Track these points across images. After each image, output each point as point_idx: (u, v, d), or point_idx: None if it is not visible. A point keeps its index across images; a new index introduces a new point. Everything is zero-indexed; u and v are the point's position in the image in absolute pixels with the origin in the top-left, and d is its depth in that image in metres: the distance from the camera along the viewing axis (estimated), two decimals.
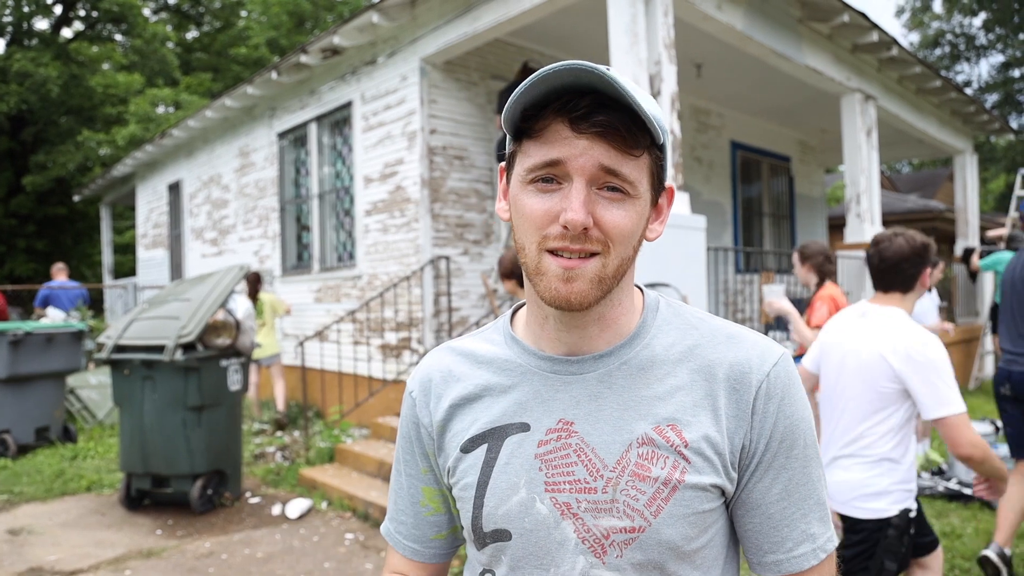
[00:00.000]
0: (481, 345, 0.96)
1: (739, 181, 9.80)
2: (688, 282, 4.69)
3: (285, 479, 5.45)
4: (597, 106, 0.76)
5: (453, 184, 6.48)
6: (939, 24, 26.90)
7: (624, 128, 0.77)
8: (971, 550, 3.70)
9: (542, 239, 0.80)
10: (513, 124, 0.82)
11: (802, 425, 0.85)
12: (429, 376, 0.97)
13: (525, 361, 0.90)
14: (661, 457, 0.81)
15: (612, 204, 0.79)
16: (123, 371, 4.73)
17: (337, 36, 6.50)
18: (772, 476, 0.84)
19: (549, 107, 0.78)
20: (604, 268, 0.80)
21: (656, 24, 4.68)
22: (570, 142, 0.77)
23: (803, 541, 0.84)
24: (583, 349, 0.87)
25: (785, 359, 0.86)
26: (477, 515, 0.87)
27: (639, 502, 0.80)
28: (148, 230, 12.52)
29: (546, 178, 0.80)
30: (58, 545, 4.19)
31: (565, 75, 0.75)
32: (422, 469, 0.97)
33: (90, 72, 19.33)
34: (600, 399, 0.84)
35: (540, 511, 0.83)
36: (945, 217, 14.54)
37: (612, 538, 0.80)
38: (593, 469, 0.82)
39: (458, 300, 6.47)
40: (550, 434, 0.85)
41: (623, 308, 0.88)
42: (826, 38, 6.61)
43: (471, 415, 0.90)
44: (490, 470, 0.86)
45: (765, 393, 0.83)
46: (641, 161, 0.80)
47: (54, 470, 5.73)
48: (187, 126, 9.53)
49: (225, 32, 24.31)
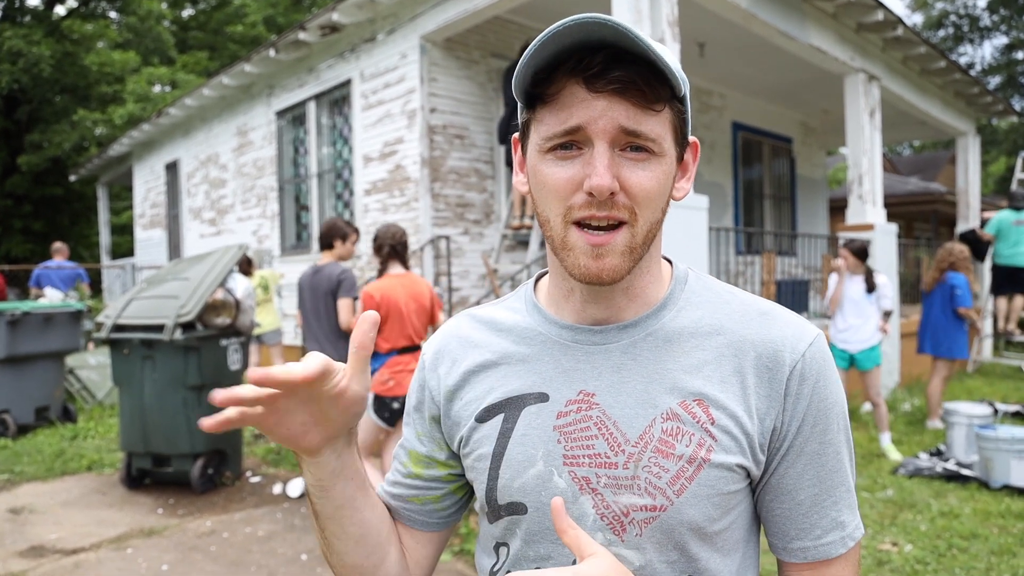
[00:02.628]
0: (502, 313, 0.92)
1: (740, 162, 9.75)
2: (690, 262, 4.63)
3: (286, 458, 5.46)
4: (612, 61, 0.72)
5: (453, 163, 6.43)
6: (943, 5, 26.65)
7: (644, 82, 0.72)
8: (969, 530, 3.72)
9: (567, 210, 0.75)
10: (524, 91, 0.77)
11: (836, 409, 0.82)
12: (446, 341, 0.94)
13: (546, 330, 0.86)
14: (686, 434, 0.77)
15: (637, 165, 0.75)
16: (122, 351, 4.71)
17: (336, 13, 6.41)
18: (805, 461, 0.80)
19: (560, 68, 0.74)
20: (633, 237, 0.76)
21: (660, 1, 4.62)
22: (587, 103, 0.73)
23: (832, 529, 0.81)
24: (608, 320, 0.84)
25: (820, 340, 0.82)
26: (492, 487, 0.84)
27: (662, 480, 0.77)
28: (146, 210, 12.45)
29: (565, 144, 0.75)
30: (59, 524, 4.20)
31: (575, 31, 0.70)
32: (417, 433, 0.95)
33: (84, 50, 19.09)
34: (624, 371, 0.81)
35: (558, 485, 0.80)
36: (946, 200, 14.51)
37: (632, 516, 0.78)
38: (614, 443, 0.79)
39: (458, 280, 6.45)
40: (569, 405, 0.81)
41: (651, 276, 0.85)
42: (831, 16, 6.53)
43: (487, 383, 0.87)
44: (506, 441, 0.83)
45: (800, 374, 0.79)
46: (663, 116, 0.75)
47: (54, 450, 5.74)
48: (184, 105, 9.44)
49: (221, 10, 24.00)
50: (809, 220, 11.21)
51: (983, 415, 4.89)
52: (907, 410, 6.67)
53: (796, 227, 10.77)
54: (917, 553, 3.47)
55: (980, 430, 4.54)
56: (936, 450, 5.17)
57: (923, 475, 4.68)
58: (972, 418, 4.88)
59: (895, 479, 4.65)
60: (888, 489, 4.42)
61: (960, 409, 4.97)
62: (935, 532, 3.73)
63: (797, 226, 10.80)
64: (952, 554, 3.47)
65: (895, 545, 3.58)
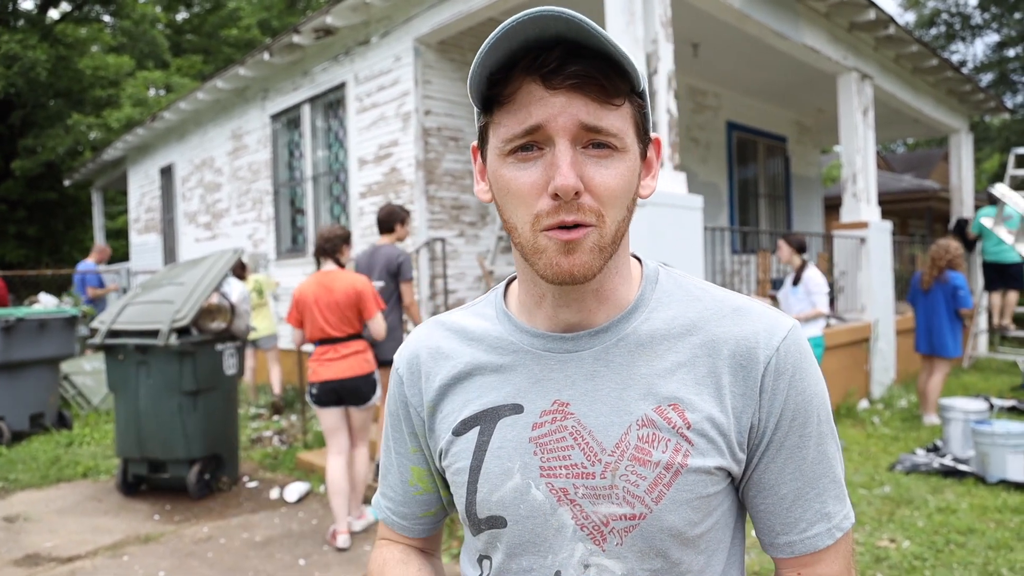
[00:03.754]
0: (472, 320, 0.91)
1: (735, 162, 9.76)
2: (685, 262, 4.67)
3: (283, 463, 5.44)
4: (569, 56, 0.70)
5: (448, 165, 6.43)
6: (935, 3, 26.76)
7: (602, 76, 0.71)
8: (966, 525, 3.73)
9: (534, 219, 0.73)
10: (480, 94, 0.75)
11: (815, 401, 0.81)
12: (416, 353, 0.92)
13: (518, 339, 0.85)
14: (662, 440, 0.76)
15: (600, 163, 0.73)
16: (117, 356, 4.69)
17: (330, 16, 6.41)
18: (785, 456, 0.79)
19: (516, 68, 0.72)
20: (602, 238, 0.74)
21: (653, 2, 4.62)
22: (546, 101, 0.71)
23: (817, 521, 0.80)
24: (580, 325, 0.82)
25: (794, 332, 0.81)
26: (471, 501, 0.83)
27: (639, 488, 0.76)
28: (140, 215, 12.41)
29: (525, 146, 0.73)
30: (55, 532, 4.18)
31: (528, 27, 0.68)
32: (411, 448, 0.94)
33: (78, 54, 19.03)
34: (597, 378, 0.80)
35: (536, 497, 0.79)
36: (940, 196, 14.55)
37: (612, 525, 0.77)
38: (591, 453, 0.78)
39: (454, 282, 6.44)
40: (544, 416, 0.80)
41: (621, 277, 0.83)
42: (823, 16, 6.55)
43: (462, 396, 0.86)
44: (482, 454, 0.82)
45: (774, 369, 0.78)
46: (624, 111, 0.74)
47: (49, 456, 5.71)
48: (179, 108, 9.42)
49: (215, 13, 23.95)
50: (804, 219, 11.24)
51: (979, 410, 4.90)
52: (903, 407, 6.69)
53: (791, 226, 10.79)
54: (915, 549, 3.47)
55: (976, 425, 4.55)
56: (933, 446, 5.19)
57: (920, 471, 4.69)
58: (968, 413, 4.90)
59: (892, 475, 4.66)
60: (886, 486, 4.43)
61: (956, 405, 4.98)
62: (932, 528, 3.74)
63: (792, 225, 10.82)
64: (950, 549, 3.48)
65: (893, 542, 3.59)
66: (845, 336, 6.60)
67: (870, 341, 7.07)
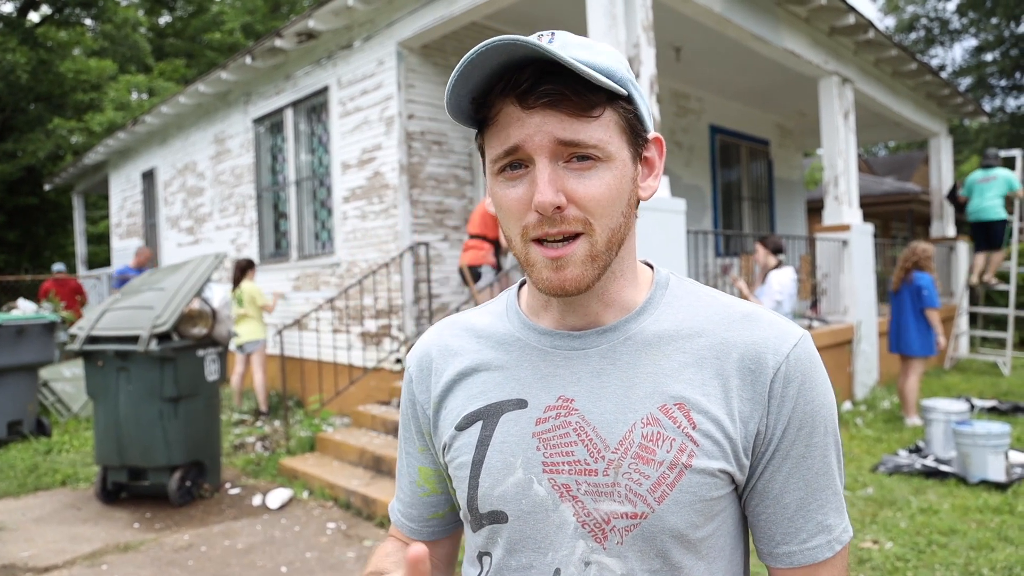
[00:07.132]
0: (483, 318, 0.92)
1: (718, 165, 9.82)
2: (668, 265, 4.66)
3: (265, 469, 5.39)
4: (541, 75, 0.72)
5: (432, 170, 6.41)
6: (914, 8, 27.11)
7: (572, 92, 0.72)
8: (948, 525, 3.76)
9: (523, 230, 0.76)
10: (467, 117, 0.78)
11: (823, 411, 0.80)
12: (427, 352, 0.94)
13: (525, 336, 0.86)
14: (667, 439, 0.76)
15: (583, 175, 0.74)
16: (97, 363, 4.63)
17: (312, 20, 6.38)
18: (791, 465, 0.79)
19: (493, 91, 0.74)
20: (593, 246, 0.76)
21: (635, 6, 4.64)
22: (522, 121, 0.73)
23: (818, 533, 0.80)
24: (587, 326, 0.83)
25: (805, 341, 0.80)
26: (472, 495, 0.83)
27: (642, 487, 0.76)
28: (122, 219, 12.29)
29: (512, 164, 0.76)
30: (32, 541, 4.11)
31: (492, 55, 0.70)
32: (419, 448, 0.95)
33: (59, 57, 18.82)
34: (603, 375, 0.80)
35: (538, 493, 0.79)
36: (921, 199, 14.72)
37: (613, 523, 0.77)
38: (594, 450, 0.78)
39: (438, 287, 6.43)
40: (548, 411, 0.80)
41: (625, 281, 0.84)
42: (804, 20, 6.61)
43: (467, 391, 0.87)
44: (485, 449, 0.82)
45: (784, 377, 0.78)
46: (604, 120, 0.75)
47: (27, 464, 5.62)
48: (160, 112, 9.33)
49: (198, 17, 23.79)
50: (787, 221, 11.32)
51: (960, 411, 4.94)
52: (886, 408, 6.74)
53: (774, 228, 10.86)
54: (897, 550, 3.50)
55: (957, 426, 4.59)
56: (915, 447, 5.23)
57: (903, 472, 4.73)
58: (949, 414, 4.94)
59: (875, 477, 4.69)
60: (868, 487, 4.46)
61: (938, 406, 5.03)
62: (915, 529, 3.77)
63: (775, 228, 10.90)
64: (932, 550, 3.50)
65: (876, 543, 3.61)
66: (828, 338, 6.64)
67: (853, 343, 7.13)
